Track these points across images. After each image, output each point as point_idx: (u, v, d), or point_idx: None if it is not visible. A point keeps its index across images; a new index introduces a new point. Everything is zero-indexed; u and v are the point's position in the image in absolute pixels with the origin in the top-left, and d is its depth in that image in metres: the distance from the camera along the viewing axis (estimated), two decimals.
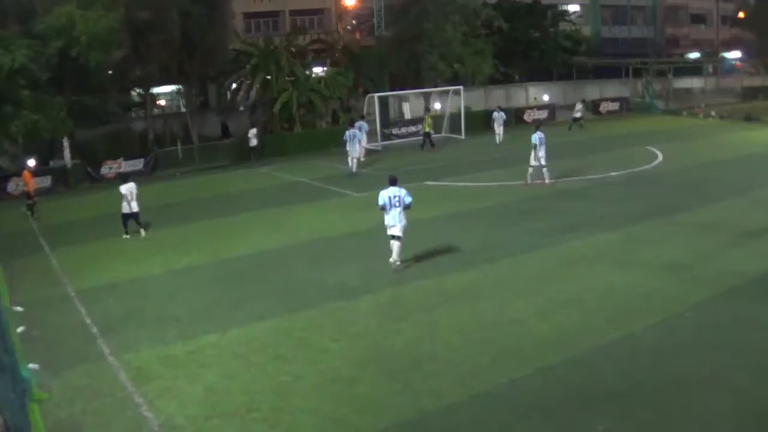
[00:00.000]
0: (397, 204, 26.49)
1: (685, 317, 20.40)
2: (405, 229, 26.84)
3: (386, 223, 26.84)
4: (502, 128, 60.69)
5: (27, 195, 43.30)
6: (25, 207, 42.95)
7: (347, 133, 50.01)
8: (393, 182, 26.98)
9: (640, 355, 18.14)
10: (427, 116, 66.87)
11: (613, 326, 19.98)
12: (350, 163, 49.70)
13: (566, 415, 15.51)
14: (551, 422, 15.34)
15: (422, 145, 63.26)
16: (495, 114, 62.36)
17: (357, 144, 49.86)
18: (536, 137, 41.58)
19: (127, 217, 35.92)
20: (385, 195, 26.62)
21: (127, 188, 35.93)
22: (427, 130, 63.53)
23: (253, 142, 61.78)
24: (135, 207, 35.95)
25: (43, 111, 53.73)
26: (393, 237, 26.96)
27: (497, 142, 60.36)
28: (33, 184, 43.79)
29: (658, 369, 17.29)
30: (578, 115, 68.84)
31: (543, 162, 41.58)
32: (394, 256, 27.12)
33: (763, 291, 22.33)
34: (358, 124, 53.57)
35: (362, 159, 51.62)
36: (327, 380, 17.85)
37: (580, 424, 15.14)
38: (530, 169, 42.09)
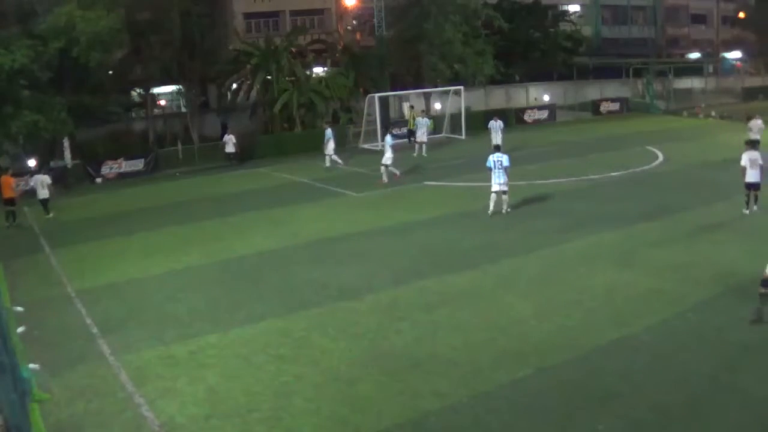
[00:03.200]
0: (499, 166, 34.39)
1: (685, 317, 20.44)
2: (506, 185, 34.72)
3: (492, 180, 34.68)
4: (500, 137, 54.28)
5: (7, 201, 41.85)
6: (5, 215, 41.55)
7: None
8: (497, 149, 35.75)
9: (641, 355, 18.19)
10: (412, 113, 68.04)
11: (613, 326, 20.02)
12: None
13: (567, 415, 15.55)
14: (552, 422, 15.38)
15: (409, 140, 65.31)
16: (492, 123, 57.07)
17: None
18: (390, 138, 46.84)
19: (41, 202, 42.74)
20: (491, 159, 34.80)
21: (35, 179, 43.44)
22: (412, 127, 65.13)
23: (230, 147, 60.33)
24: (43, 194, 42.70)
25: (44, 111, 53.61)
26: (495, 192, 34.73)
27: None
28: (13, 189, 42.48)
29: (658, 369, 17.33)
30: (757, 136, 46.07)
31: (390, 162, 46.02)
32: (492, 207, 34.86)
33: None
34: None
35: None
36: (327, 380, 17.89)
37: (580, 424, 15.18)
38: (382, 168, 46.32)
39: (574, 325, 20.36)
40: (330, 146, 54.54)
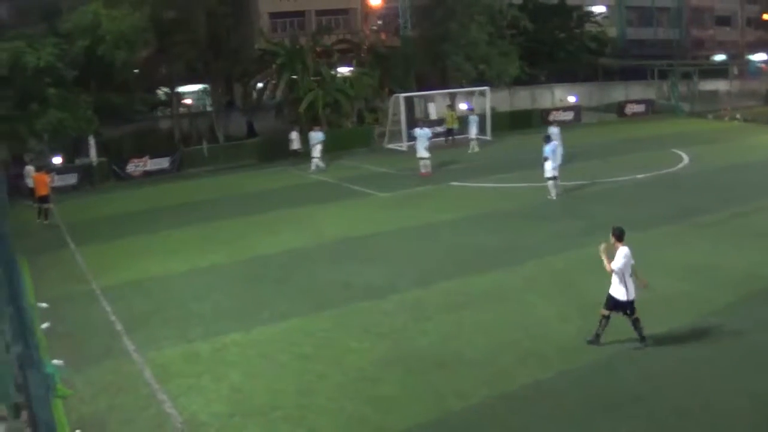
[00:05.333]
0: (552, 154, 38.00)
1: (707, 321, 20.34)
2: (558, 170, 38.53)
3: (548, 168, 38.12)
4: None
5: (41, 198, 41.51)
6: (37, 212, 41.67)
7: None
8: (548, 139, 39.20)
9: (663, 358, 18.12)
10: (449, 112, 68.52)
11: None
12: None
13: (589, 418, 15.54)
14: (574, 424, 15.36)
15: (446, 140, 65.75)
16: (552, 129, 50.06)
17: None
18: (421, 132, 48.93)
19: None
20: (548, 148, 38.15)
21: None
22: (451, 126, 66.21)
23: (296, 144, 58.30)
24: None
25: (69, 109, 53.93)
26: (553, 178, 38.24)
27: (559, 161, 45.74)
28: (47, 186, 42.05)
29: (679, 372, 17.30)
30: None
31: (427, 155, 48.90)
32: (553, 193, 38.33)
33: None
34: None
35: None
36: (351, 380, 17.92)
37: (602, 427, 15.18)
38: (427, 161, 48.93)
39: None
40: (317, 149, 54.88)
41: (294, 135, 58.09)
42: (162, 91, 74.32)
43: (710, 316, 20.71)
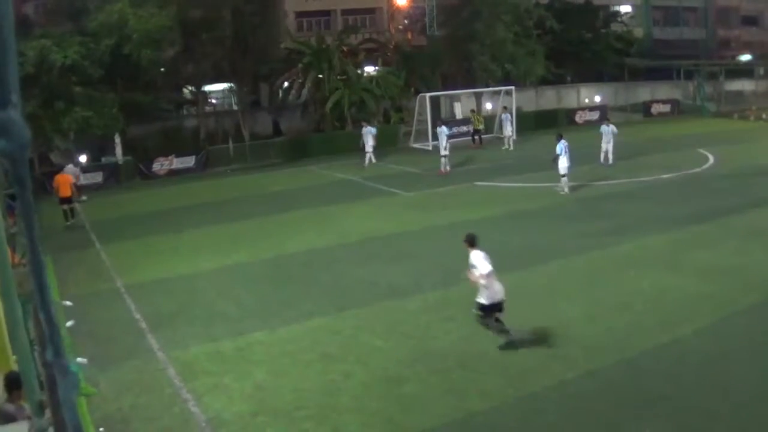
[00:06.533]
0: (567, 151, 39.39)
1: (734, 322, 20.23)
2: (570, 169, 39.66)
3: (562, 165, 39.39)
4: (611, 145, 49.39)
5: (63, 200, 40.66)
6: (63, 214, 40.70)
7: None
8: (560, 137, 40.02)
9: (689, 359, 18.03)
10: (474, 114, 68.44)
11: (662, 330, 19.84)
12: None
13: (613, 418, 15.49)
14: (598, 424, 15.32)
15: (473, 140, 65.67)
16: (603, 128, 50.56)
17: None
18: (443, 129, 50.25)
19: None
20: (562, 145, 39.25)
21: None
22: (479, 127, 66.14)
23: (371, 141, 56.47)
24: None
25: (95, 107, 54.21)
26: (567, 175, 39.50)
27: (610, 162, 49.17)
28: (71, 188, 41.15)
29: (706, 373, 17.20)
30: None
31: (447, 153, 49.82)
32: (565, 189, 39.79)
33: None
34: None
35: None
36: (375, 379, 17.92)
37: (627, 427, 15.11)
38: (443, 159, 49.71)
39: (622, 328, 20.23)
40: (370, 144, 55.88)
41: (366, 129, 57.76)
42: (188, 90, 74.53)
43: (737, 317, 20.60)
